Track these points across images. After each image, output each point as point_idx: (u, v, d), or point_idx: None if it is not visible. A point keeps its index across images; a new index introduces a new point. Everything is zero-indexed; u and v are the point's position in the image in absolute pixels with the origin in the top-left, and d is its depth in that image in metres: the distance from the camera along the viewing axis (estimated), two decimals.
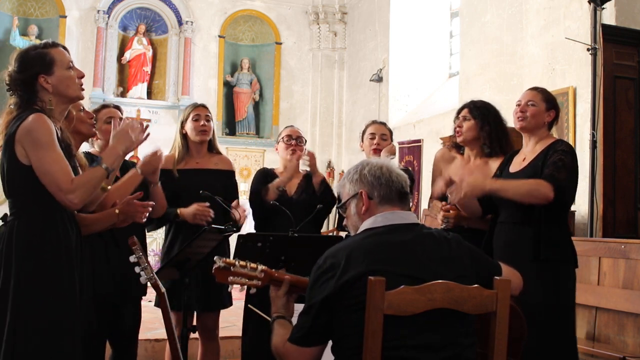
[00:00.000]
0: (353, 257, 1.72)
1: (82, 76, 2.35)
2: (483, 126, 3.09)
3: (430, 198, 3.37)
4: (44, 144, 2.11)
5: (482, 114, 3.12)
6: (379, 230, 1.82)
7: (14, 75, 2.25)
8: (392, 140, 3.62)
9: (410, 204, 1.98)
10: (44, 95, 2.24)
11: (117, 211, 2.44)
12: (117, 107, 3.28)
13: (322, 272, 1.75)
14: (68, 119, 2.61)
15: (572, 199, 2.85)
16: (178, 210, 3.29)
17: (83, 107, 2.79)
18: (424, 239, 1.83)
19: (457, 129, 3.15)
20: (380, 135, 3.55)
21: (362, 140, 3.63)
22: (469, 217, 3.01)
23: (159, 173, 3.08)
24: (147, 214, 2.55)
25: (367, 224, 1.86)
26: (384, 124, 3.71)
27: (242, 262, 2.00)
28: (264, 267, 2.01)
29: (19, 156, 2.13)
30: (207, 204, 3.27)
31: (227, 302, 3.46)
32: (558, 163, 2.68)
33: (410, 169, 3.73)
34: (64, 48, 2.34)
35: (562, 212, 2.79)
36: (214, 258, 1.98)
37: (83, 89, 2.36)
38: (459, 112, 3.22)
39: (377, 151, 3.50)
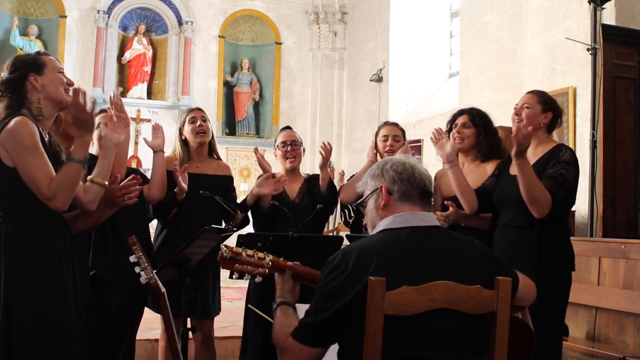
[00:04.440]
0: (363, 261, 1.68)
1: (72, 84, 2.34)
2: (485, 135, 3.15)
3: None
4: (26, 147, 2.10)
5: (484, 123, 3.17)
6: (395, 232, 1.77)
7: (6, 77, 2.25)
8: (405, 140, 3.59)
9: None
10: (32, 95, 2.24)
11: None
12: None
13: (332, 267, 1.72)
14: (57, 122, 2.58)
15: (572, 204, 2.84)
16: (175, 191, 3.27)
17: None
18: (445, 246, 1.77)
19: (457, 135, 3.17)
20: (392, 136, 3.52)
21: (376, 142, 3.60)
22: (467, 215, 3.01)
23: (163, 140, 3.26)
24: (135, 194, 2.44)
25: (384, 224, 1.81)
26: (396, 124, 3.67)
27: (249, 252, 1.98)
28: (272, 257, 1.99)
29: (3, 159, 2.12)
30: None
31: (216, 310, 3.46)
32: (559, 178, 2.67)
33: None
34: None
35: (564, 215, 2.80)
36: (221, 246, 1.97)
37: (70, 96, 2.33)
38: (455, 117, 3.24)
39: (390, 153, 3.46)
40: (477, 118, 3.17)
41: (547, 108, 2.85)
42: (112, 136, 2.39)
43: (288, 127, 3.75)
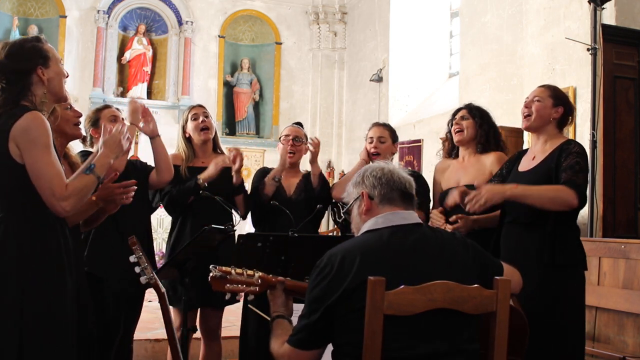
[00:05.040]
0: (347, 261, 1.72)
1: (67, 75, 2.30)
2: (482, 124, 3.21)
3: (432, 209, 3.34)
4: (41, 144, 2.05)
5: (480, 114, 3.25)
6: (378, 232, 1.81)
7: (8, 65, 2.14)
8: (394, 141, 3.57)
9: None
10: (37, 89, 2.16)
11: (94, 198, 2.35)
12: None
13: (318, 271, 1.76)
14: (53, 116, 2.56)
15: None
16: (198, 177, 3.29)
17: (70, 106, 2.71)
18: (426, 242, 1.81)
19: (456, 127, 3.24)
20: (377, 138, 3.50)
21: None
22: (476, 219, 2.95)
23: (155, 124, 3.28)
24: (132, 194, 2.44)
25: (367, 225, 1.86)
26: (384, 125, 3.64)
27: (238, 270, 2.01)
28: (261, 274, 2.03)
29: (13, 154, 2.05)
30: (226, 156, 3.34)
31: (232, 299, 3.46)
32: (575, 167, 2.64)
33: (422, 175, 3.64)
34: None
35: (573, 213, 2.74)
36: (210, 267, 1.99)
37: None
38: (454, 114, 3.31)
39: (375, 156, 3.46)
40: (474, 110, 3.25)
41: (559, 103, 2.83)
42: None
43: (298, 123, 3.76)
